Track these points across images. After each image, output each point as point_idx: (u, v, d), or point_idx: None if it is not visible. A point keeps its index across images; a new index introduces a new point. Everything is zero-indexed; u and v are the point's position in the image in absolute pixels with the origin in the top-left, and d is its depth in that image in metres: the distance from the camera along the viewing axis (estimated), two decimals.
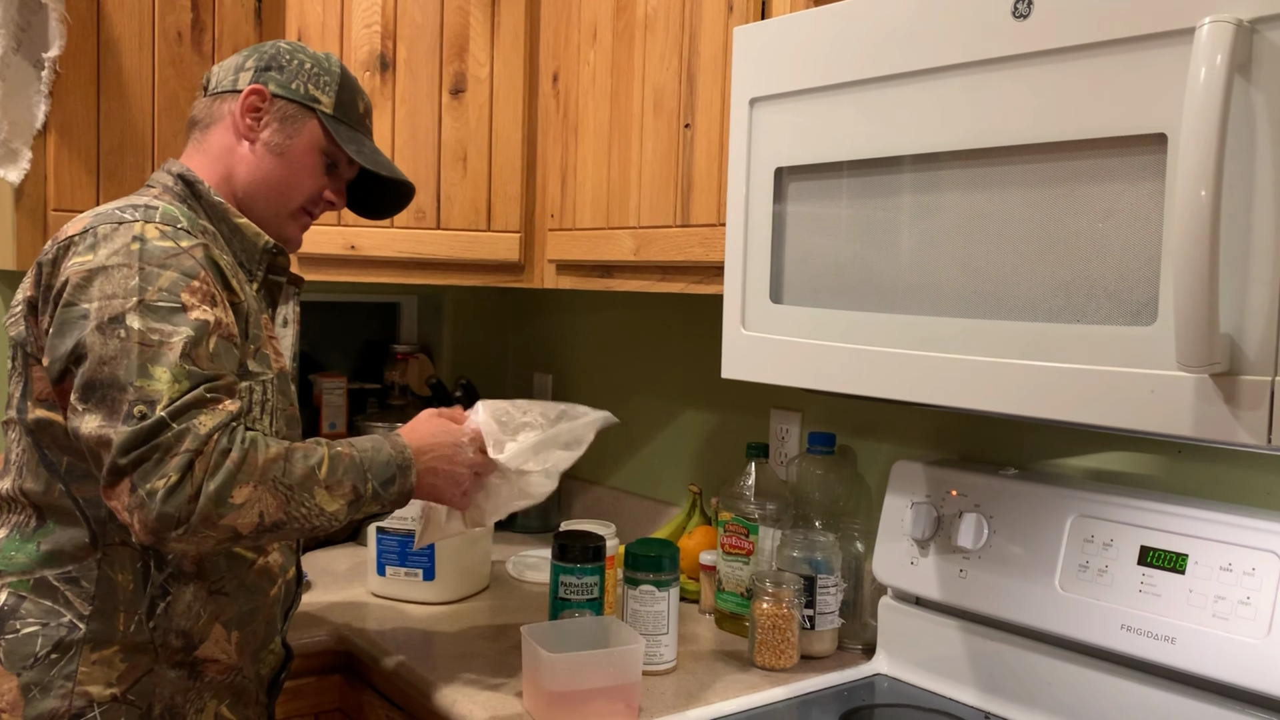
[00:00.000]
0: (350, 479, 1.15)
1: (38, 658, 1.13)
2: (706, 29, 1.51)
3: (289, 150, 1.32)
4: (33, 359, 1.17)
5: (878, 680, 1.48)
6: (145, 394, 1.06)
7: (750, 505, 1.64)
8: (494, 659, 1.51)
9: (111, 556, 1.16)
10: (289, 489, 1.11)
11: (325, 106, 1.34)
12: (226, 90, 1.33)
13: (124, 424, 1.05)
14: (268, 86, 1.31)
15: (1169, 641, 1.18)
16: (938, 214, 1.09)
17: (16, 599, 1.15)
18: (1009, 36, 1.01)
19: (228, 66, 1.35)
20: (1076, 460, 1.43)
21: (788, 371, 1.25)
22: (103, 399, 1.06)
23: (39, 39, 1.66)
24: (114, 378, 1.06)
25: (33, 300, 1.16)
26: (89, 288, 1.10)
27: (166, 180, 1.29)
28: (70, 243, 1.15)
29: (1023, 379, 1.01)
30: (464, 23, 1.84)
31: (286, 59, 1.34)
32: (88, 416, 1.07)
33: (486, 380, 2.53)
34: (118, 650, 1.16)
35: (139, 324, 1.08)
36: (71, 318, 1.10)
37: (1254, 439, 0.85)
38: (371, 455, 1.18)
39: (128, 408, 1.05)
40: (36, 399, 1.17)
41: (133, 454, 1.04)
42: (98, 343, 1.08)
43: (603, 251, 1.70)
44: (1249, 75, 0.85)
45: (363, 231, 1.83)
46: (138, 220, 1.15)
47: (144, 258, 1.12)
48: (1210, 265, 0.83)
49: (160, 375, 1.07)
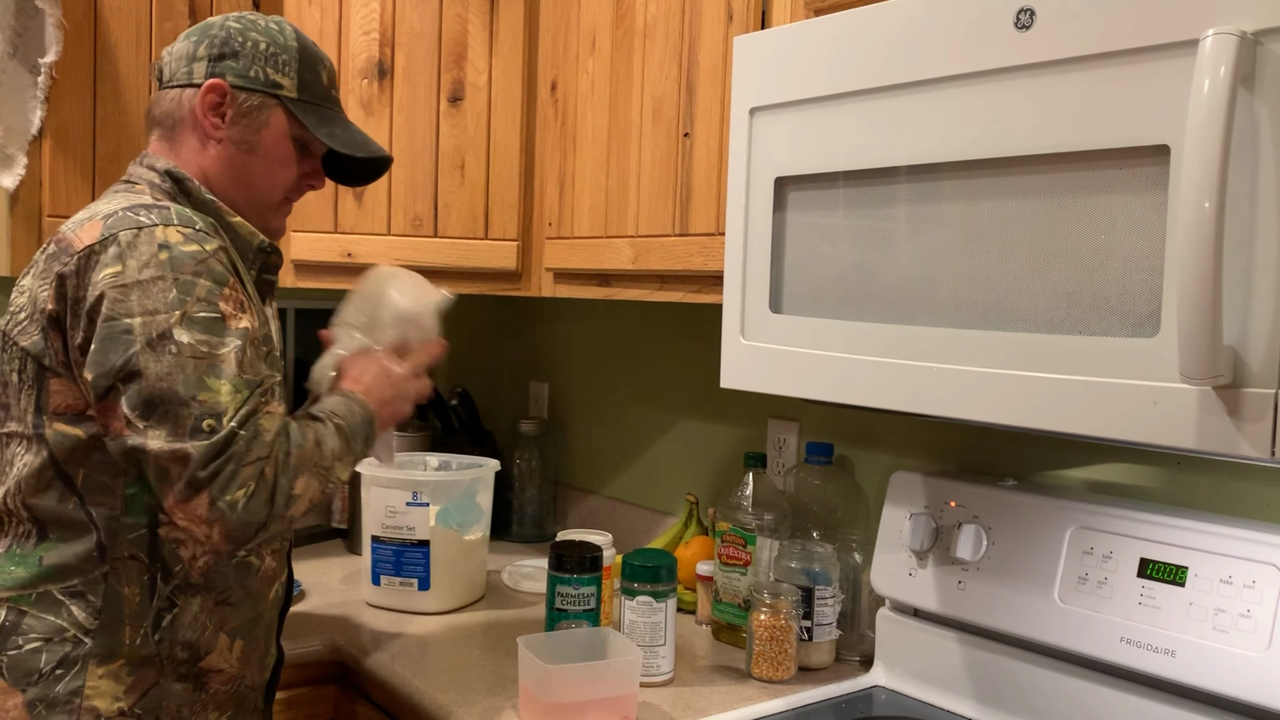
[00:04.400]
0: (351, 447, 1.22)
1: (42, 673, 1.12)
2: (706, 38, 1.51)
3: (259, 145, 1.28)
4: (50, 372, 1.13)
5: (876, 692, 1.47)
6: (209, 407, 1.08)
7: (748, 515, 1.63)
8: (490, 669, 1.50)
9: (118, 570, 1.15)
10: (325, 470, 1.18)
11: (288, 90, 1.28)
12: (182, 84, 1.27)
13: (194, 438, 1.07)
14: (225, 79, 1.25)
15: (1169, 654, 1.18)
16: (938, 224, 1.09)
17: (17, 614, 1.13)
18: (1011, 47, 1.01)
19: (179, 54, 1.28)
20: (1076, 471, 1.43)
21: (786, 381, 1.25)
22: (165, 415, 1.07)
23: (35, 44, 1.65)
24: (174, 393, 1.08)
25: (55, 314, 1.13)
26: (127, 302, 1.09)
27: (151, 177, 1.25)
28: (91, 252, 1.11)
29: (1023, 390, 1.01)
30: (462, 30, 1.84)
31: (239, 41, 1.26)
32: (151, 434, 1.07)
33: (483, 389, 2.52)
34: (124, 664, 1.14)
35: (187, 337, 1.09)
36: (115, 334, 1.08)
37: (1257, 451, 0.85)
38: (350, 420, 1.24)
39: (194, 422, 1.07)
40: (54, 413, 1.14)
41: (211, 466, 1.07)
42: (150, 360, 1.08)
43: (601, 260, 1.70)
44: (1252, 87, 0.84)
45: (360, 239, 1.82)
46: (157, 225, 1.13)
47: (175, 266, 1.11)
48: (1214, 277, 0.83)
49: (220, 387, 1.09)
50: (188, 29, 1.32)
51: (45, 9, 1.62)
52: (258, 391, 1.12)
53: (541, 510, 2.30)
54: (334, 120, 1.33)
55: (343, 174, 1.42)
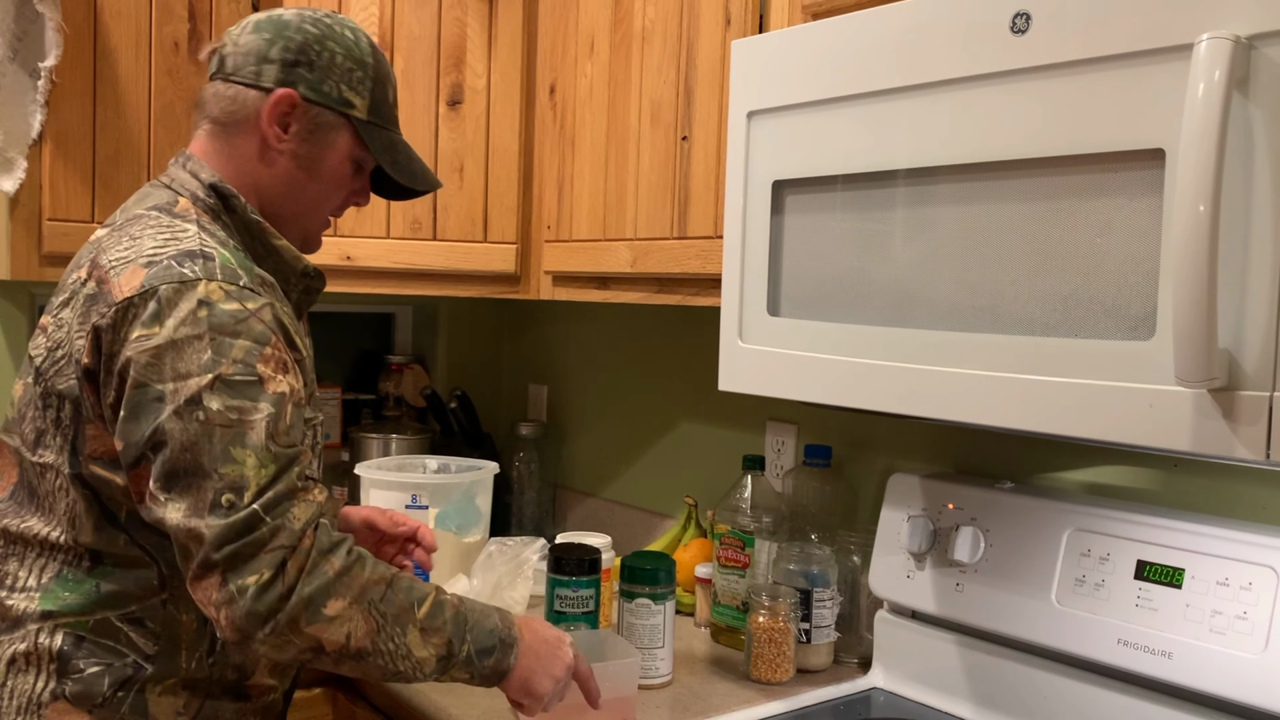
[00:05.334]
0: (449, 631, 1.08)
1: (106, 697, 1.09)
2: (704, 42, 1.51)
3: (320, 164, 1.21)
4: (86, 420, 1.08)
5: (874, 694, 1.47)
6: (231, 480, 1.00)
7: (746, 518, 1.63)
8: None
9: (178, 596, 1.11)
10: (383, 617, 1.04)
11: (359, 111, 1.21)
12: (248, 83, 1.18)
13: (212, 515, 0.99)
14: (298, 89, 1.17)
15: (1166, 656, 1.18)
16: (935, 228, 1.09)
17: (76, 640, 1.09)
18: (1007, 51, 1.01)
19: (248, 49, 1.18)
20: (1073, 474, 1.43)
21: (784, 384, 1.25)
22: (186, 488, 1.00)
23: (35, 48, 1.66)
24: (197, 465, 1.00)
25: (90, 369, 1.06)
26: (160, 366, 1.02)
27: (194, 187, 1.17)
28: (129, 305, 1.04)
29: (1020, 393, 1.01)
30: (461, 34, 1.84)
31: (316, 51, 1.18)
32: (171, 507, 1.00)
33: (482, 391, 2.53)
34: (179, 683, 1.13)
35: (217, 404, 1.01)
36: (146, 400, 1.02)
37: (1252, 454, 0.85)
38: (478, 617, 1.11)
39: (213, 496, 0.99)
40: (90, 456, 1.09)
41: (226, 549, 0.98)
42: (177, 429, 1.00)
43: (599, 263, 1.70)
44: (1247, 91, 0.85)
45: (359, 242, 1.82)
46: (200, 279, 1.05)
47: (213, 326, 1.03)
48: (1209, 280, 0.83)
49: (244, 459, 1.01)
50: (260, 15, 1.21)
51: (45, 13, 1.62)
52: (292, 469, 1.03)
53: (540, 513, 2.30)
54: (396, 146, 1.26)
55: (385, 187, 1.33)
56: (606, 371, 2.25)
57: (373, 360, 2.48)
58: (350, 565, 1.04)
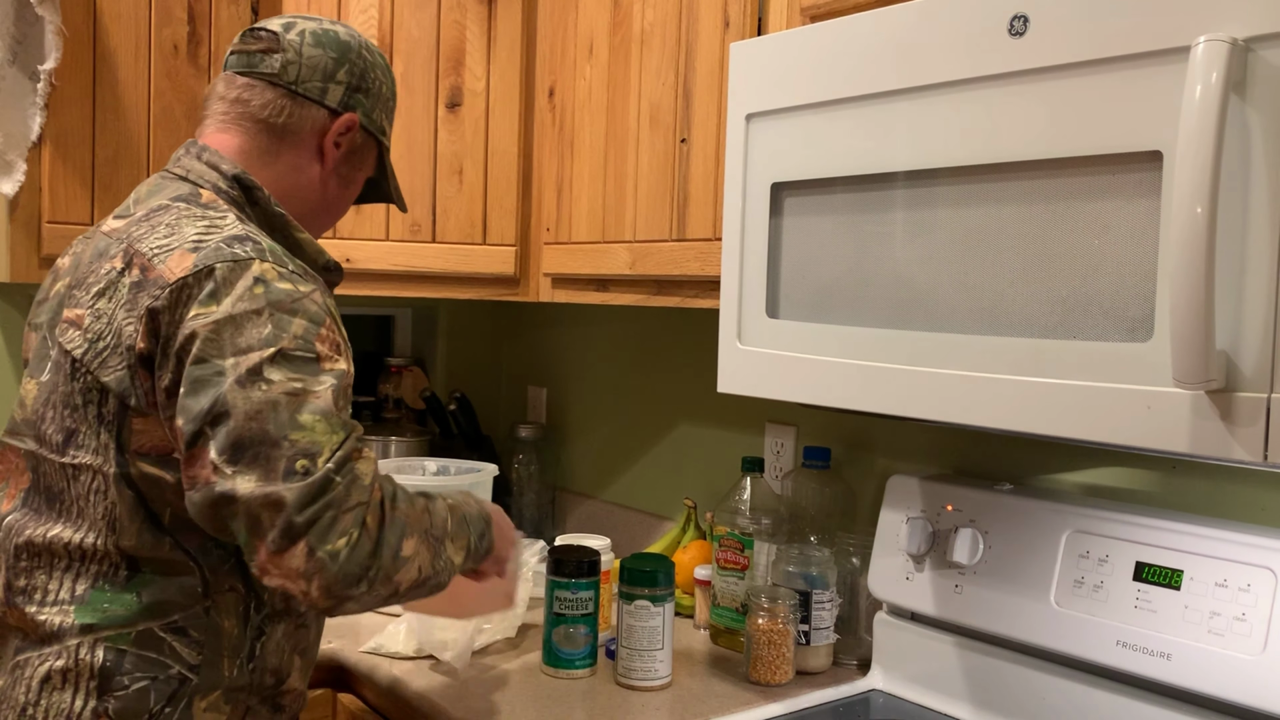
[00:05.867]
0: (466, 531, 1.14)
1: (152, 713, 1.07)
2: (703, 45, 1.51)
3: (353, 181, 1.30)
4: (134, 411, 1.06)
5: (873, 696, 1.48)
6: (303, 447, 0.99)
7: (745, 520, 1.64)
8: (488, 674, 1.50)
9: (219, 603, 1.10)
10: (435, 540, 1.08)
11: (387, 139, 1.32)
12: (313, 100, 1.21)
13: (286, 480, 0.97)
14: (359, 115, 1.25)
15: (1164, 658, 1.18)
16: (934, 230, 1.09)
17: (118, 654, 1.06)
18: (1005, 53, 1.01)
19: (314, 64, 1.21)
20: (1072, 475, 1.43)
21: (783, 386, 1.25)
22: (255, 458, 0.98)
23: (35, 51, 1.66)
24: (264, 433, 0.98)
25: (145, 353, 1.04)
26: (220, 341, 1.01)
27: (215, 179, 1.17)
28: (184, 285, 1.03)
29: (1018, 395, 1.01)
30: (460, 36, 1.85)
31: (372, 79, 1.26)
32: (240, 479, 0.97)
33: (481, 394, 2.53)
34: (221, 694, 1.10)
35: (279, 375, 1.01)
36: (207, 375, 1.00)
37: (1250, 455, 0.85)
38: (466, 507, 1.17)
39: (287, 464, 0.98)
40: (136, 452, 1.06)
41: (308, 512, 0.97)
42: (240, 398, 0.99)
43: (598, 265, 1.70)
44: (1244, 93, 0.85)
45: (358, 244, 1.83)
46: (253, 259, 1.05)
47: (271, 302, 1.03)
48: (1206, 282, 0.84)
49: (314, 424, 1.00)
50: (312, 25, 1.23)
51: (45, 16, 1.63)
52: (353, 435, 1.04)
53: (540, 515, 2.30)
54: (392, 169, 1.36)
55: None
56: (606, 373, 2.25)
57: (372, 362, 2.48)
58: (407, 504, 1.06)
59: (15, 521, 1.12)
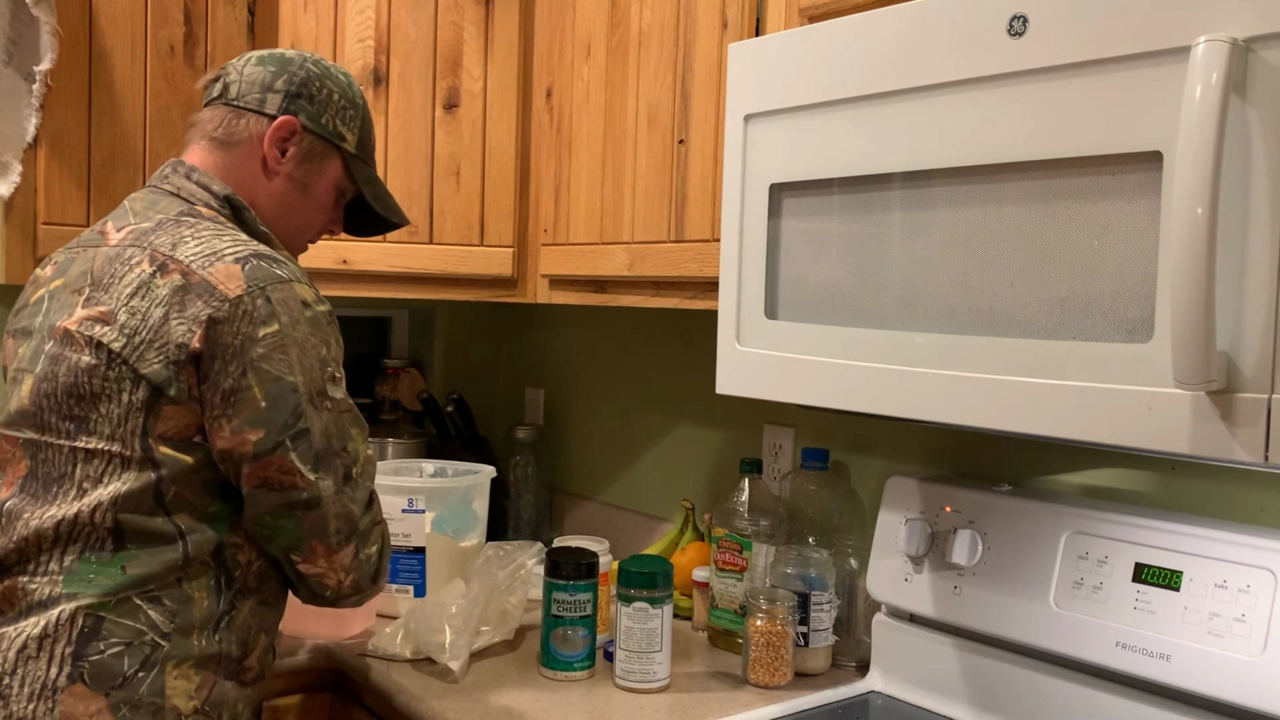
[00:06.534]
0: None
1: (126, 677, 1.12)
2: (700, 45, 1.51)
3: (312, 189, 1.33)
4: (168, 400, 1.13)
5: (872, 698, 1.47)
6: (352, 455, 1.21)
7: (744, 521, 1.63)
8: (486, 676, 1.50)
9: (193, 576, 1.16)
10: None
11: (349, 145, 1.35)
12: (252, 110, 1.29)
13: (348, 487, 1.20)
14: (299, 118, 1.29)
15: (1164, 659, 1.18)
16: (933, 230, 1.09)
17: (96, 620, 1.12)
18: (1004, 54, 1.01)
19: (253, 79, 1.30)
20: (1071, 477, 1.43)
21: (782, 387, 1.25)
22: (329, 466, 1.18)
23: (30, 52, 1.65)
24: (330, 447, 1.18)
25: (198, 353, 1.12)
26: (289, 360, 1.15)
27: (206, 199, 1.25)
28: (241, 302, 1.13)
29: (1018, 396, 1.01)
30: (458, 37, 1.84)
31: (317, 87, 1.31)
32: (322, 484, 1.17)
33: (478, 395, 2.52)
34: (192, 664, 1.16)
35: (339, 393, 1.20)
36: (282, 392, 1.14)
37: (1250, 456, 0.85)
38: None
39: (344, 470, 1.19)
40: (161, 436, 1.14)
41: (364, 520, 1.22)
42: (315, 418, 1.17)
43: (596, 266, 1.70)
44: (1244, 94, 0.85)
45: (355, 246, 1.82)
46: (293, 281, 1.18)
47: (317, 326, 1.19)
48: (1207, 283, 0.83)
49: (358, 437, 1.22)
50: (260, 52, 1.34)
51: (40, 17, 1.62)
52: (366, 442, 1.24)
53: (538, 517, 2.30)
54: (376, 180, 1.41)
55: (355, 223, 1.47)
56: (604, 375, 2.25)
57: (369, 364, 2.48)
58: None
59: (14, 506, 1.17)
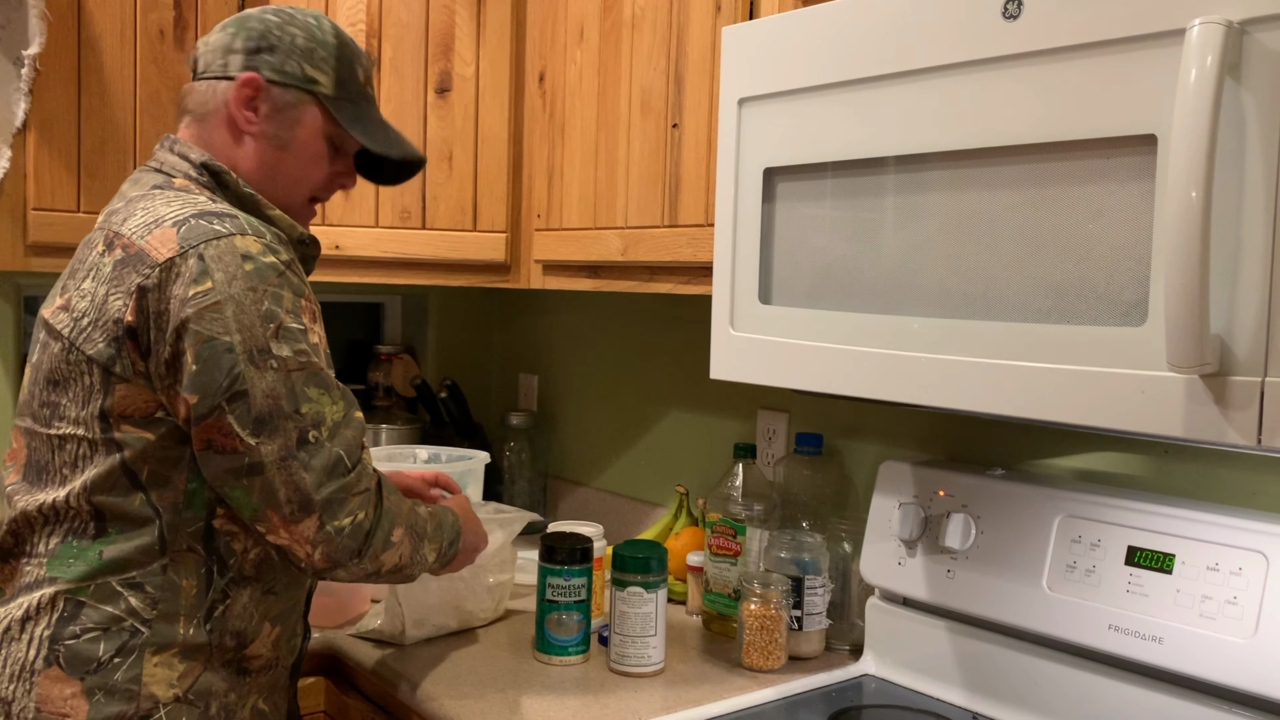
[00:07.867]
0: (440, 537, 1.29)
1: (101, 662, 1.11)
2: (694, 29, 1.51)
3: (292, 141, 1.26)
4: (117, 379, 1.11)
5: (865, 681, 1.48)
6: (312, 418, 1.12)
7: (737, 506, 1.64)
8: (480, 659, 1.50)
9: (177, 562, 1.14)
10: (416, 536, 1.24)
11: (325, 88, 1.26)
12: (217, 76, 1.25)
13: (301, 450, 1.10)
14: (261, 72, 1.23)
15: (1156, 641, 1.19)
16: (927, 214, 1.09)
17: (75, 605, 1.12)
18: (999, 37, 1.01)
19: (215, 46, 1.26)
20: (1064, 460, 1.43)
21: (776, 372, 1.25)
22: (274, 430, 1.10)
23: (19, 36, 1.64)
24: (278, 408, 1.10)
25: (132, 326, 1.10)
26: (223, 319, 1.08)
27: (185, 168, 1.22)
28: (172, 265, 1.09)
29: (1011, 380, 1.01)
30: (450, 21, 1.83)
31: (277, 35, 1.24)
32: (264, 449, 1.10)
33: (471, 381, 2.52)
34: (177, 652, 1.14)
35: (286, 350, 1.11)
36: (216, 353, 1.08)
37: (1244, 439, 0.85)
38: (442, 517, 1.31)
39: (299, 434, 1.11)
40: (120, 416, 1.12)
41: (324, 491, 1.12)
42: (255, 377, 1.09)
43: (590, 252, 1.69)
44: (1239, 77, 0.85)
45: (347, 231, 1.81)
46: (234, 234, 1.12)
47: (261, 278, 1.11)
48: (1201, 266, 0.83)
49: (319, 397, 1.13)
50: (223, 21, 1.29)
51: (29, 0, 1.61)
52: (355, 407, 1.17)
53: (532, 502, 2.30)
54: (369, 118, 1.31)
55: (375, 173, 1.40)
56: (597, 360, 2.25)
57: (362, 350, 2.47)
58: (396, 497, 1.21)
59: (14, 492, 1.19)
